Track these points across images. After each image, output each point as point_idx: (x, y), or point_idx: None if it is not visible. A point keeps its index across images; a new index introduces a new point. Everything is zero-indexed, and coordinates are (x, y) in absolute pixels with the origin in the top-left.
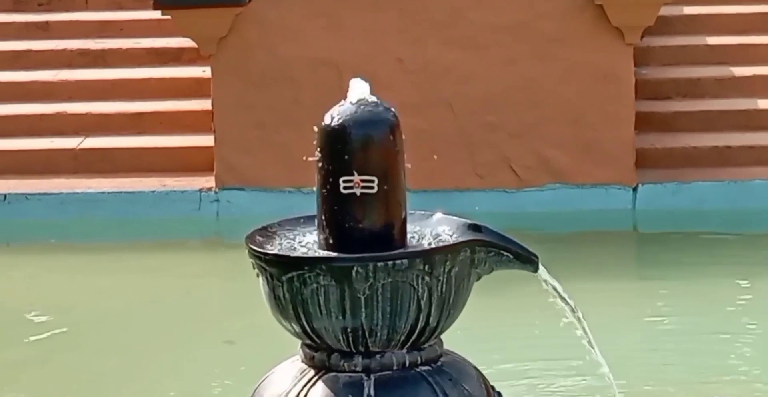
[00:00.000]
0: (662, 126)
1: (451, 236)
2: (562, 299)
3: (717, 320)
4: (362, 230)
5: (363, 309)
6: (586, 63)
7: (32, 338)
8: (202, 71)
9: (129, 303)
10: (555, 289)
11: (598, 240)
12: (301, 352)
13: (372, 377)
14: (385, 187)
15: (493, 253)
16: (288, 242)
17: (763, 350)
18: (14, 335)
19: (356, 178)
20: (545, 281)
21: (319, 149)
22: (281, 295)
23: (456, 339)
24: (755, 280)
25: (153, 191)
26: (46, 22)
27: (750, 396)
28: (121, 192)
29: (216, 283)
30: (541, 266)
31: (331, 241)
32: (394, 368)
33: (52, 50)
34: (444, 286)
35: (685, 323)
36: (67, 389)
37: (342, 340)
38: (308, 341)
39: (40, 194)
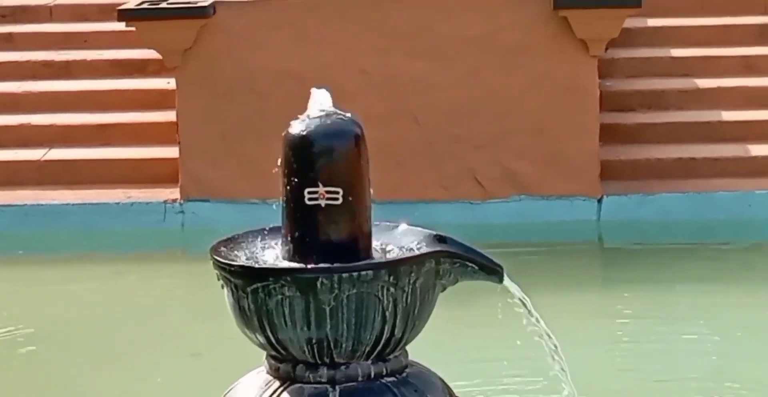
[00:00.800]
0: (627, 138)
1: (416, 247)
2: (527, 310)
3: (680, 331)
4: (327, 241)
5: (328, 320)
6: (551, 75)
7: None
8: (167, 83)
9: (93, 315)
10: (521, 300)
11: (563, 251)
12: (266, 363)
13: (337, 388)
14: (350, 199)
15: (458, 264)
16: (253, 254)
17: (725, 361)
18: None
19: (321, 189)
20: (511, 292)
21: (283, 160)
22: (246, 306)
23: (421, 350)
24: (719, 291)
25: (118, 203)
26: (10, 34)
27: None
28: (85, 203)
29: (181, 294)
30: (506, 277)
31: (296, 252)
32: (360, 379)
33: (16, 62)
34: (409, 297)
35: (649, 334)
36: None
37: (307, 351)
38: (273, 353)
39: (3, 206)
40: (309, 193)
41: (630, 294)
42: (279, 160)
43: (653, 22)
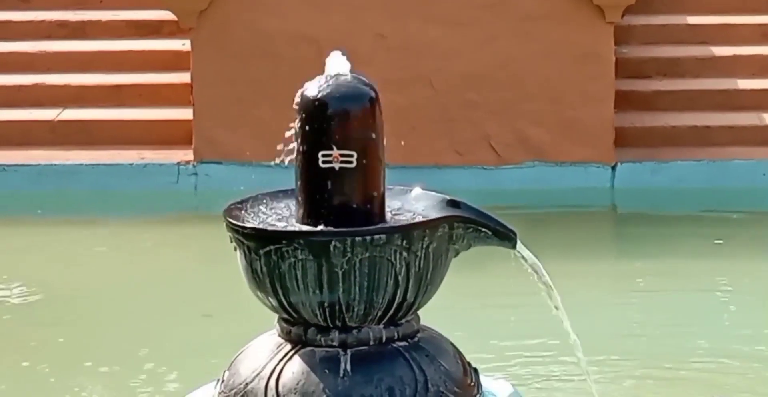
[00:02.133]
0: (642, 105)
1: (429, 211)
2: (539, 275)
3: (694, 299)
4: (340, 204)
5: (340, 284)
6: (567, 41)
7: (6, 310)
8: (182, 44)
9: (105, 276)
10: (532, 266)
11: (577, 218)
12: (277, 326)
13: (348, 352)
14: (364, 162)
15: (471, 229)
16: (266, 216)
17: (740, 329)
18: None
19: (335, 152)
20: (523, 257)
21: (297, 123)
22: (258, 269)
23: (433, 315)
24: (733, 260)
25: (131, 164)
26: None
27: (725, 374)
28: (99, 164)
29: (193, 256)
30: (519, 243)
31: (309, 215)
32: (371, 343)
33: (32, 22)
34: (422, 261)
35: (663, 302)
36: (44, 362)
37: (319, 314)
38: (285, 316)
39: (17, 165)
40: (323, 156)
41: (642, 261)
42: (296, 124)
43: None
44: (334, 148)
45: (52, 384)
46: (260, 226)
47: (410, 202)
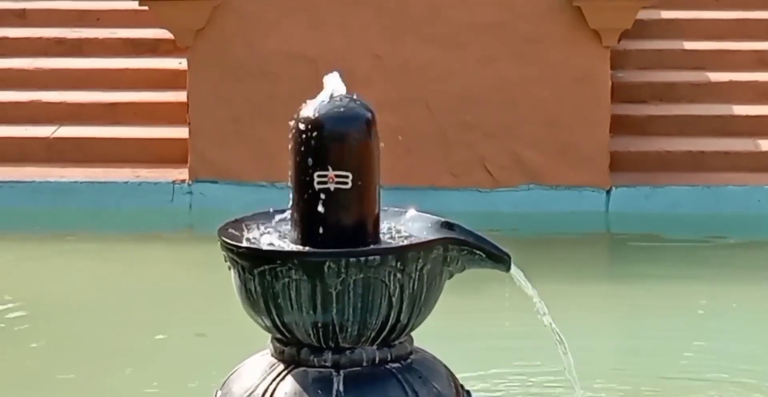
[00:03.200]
0: (637, 129)
1: (424, 233)
2: (532, 297)
3: (687, 324)
4: (335, 225)
5: (334, 304)
6: (563, 64)
7: (0, 326)
8: (179, 63)
9: (99, 293)
10: (526, 288)
11: (571, 242)
12: (271, 346)
13: (341, 372)
14: (360, 183)
15: (465, 251)
16: (261, 236)
17: (732, 354)
18: None
19: (330, 173)
20: (518, 279)
21: (294, 143)
22: (253, 288)
23: (426, 337)
24: (724, 284)
25: (126, 182)
26: (23, 10)
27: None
28: (94, 182)
29: (188, 275)
30: (513, 266)
31: (303, 235)
32: (364, 364)
33: (29, 38)
34: (416, 283)
35: (655, 328)
36: (36, 379)
37: (312, 335)
38: (278, 336)
39: (12, 182)
40: (318, 176)
41: (636, 286)
42: (291, 144)
43: (667, 14)
44: (330, 168)
45: None
46: (255, 245)
47: (405, 223)
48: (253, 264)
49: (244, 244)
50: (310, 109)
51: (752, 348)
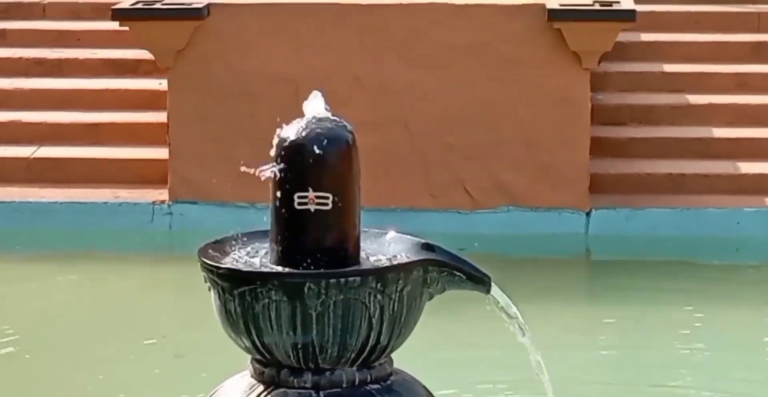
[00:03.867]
0: (617, 151)
1: (404, 255)
2: (513, 319)
3: (665, 349)
4: (315, 246)
5: (314, 325)
6: (543, 86)
7: None
8: (159, 84)
9: (77, 314)
10: (507, 310)
11: (550, 264)
12: (250, 367)
13: (321, 394)
14: (340, 205)
15: (445, 273)
16: (240, 257)
17: (711, 379)
18: None
19: (311, 194)
20: (497, 302)
21: (274, 164)
22: (232, 309)
23: (406, 359)
24: (705, 309)
25: (106, 202)
26: (3, 30)
27: None
28: (73, 202)
29: (167, 296)
30: (493, 286)
31: (283, 256)
32: (344, 385)
33: (9, 58)
34: (396, 304)
35: (634, 350)
36: None
37: (292, 356)
38: (258, 357)
39: None
40: (299, 197)
41: (616, 307)
42: (272, 165)
43: (647, 36)
44: (310, 189)
45: None
46: (234, 266)
47: (385, 245)
48: (233, 285)
49: (224, 265)
50: (291, 131)
51: (732, 367)
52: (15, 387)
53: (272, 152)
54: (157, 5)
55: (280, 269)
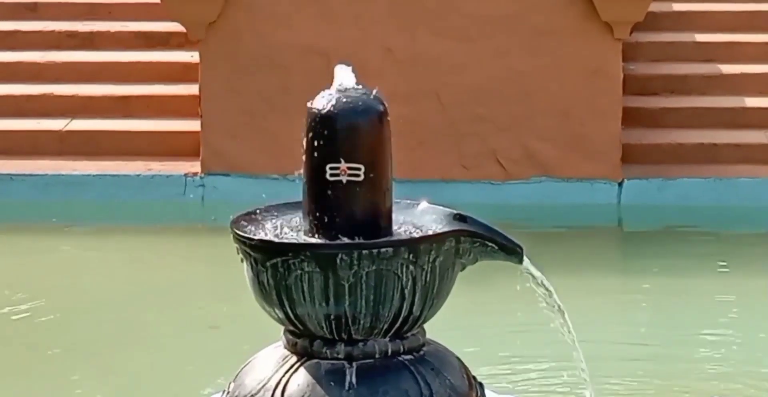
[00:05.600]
0: (649, 122)
1: (436, 225)
2: (546, 291)
3: (699, 317)
4: (348, 217)
5: (347, 297)
6: (575, 57)
7: (13, 319)
8: (191, 56)
9: (112, 287)
10: (539, 281)
11: (583, 234)
12: (283, 338)
13: (354, 364)
14: (372, 176)
15: (478, 243)
16: (273, 228)
17: (745, 347)
18: None
19: (343, 165)
20: (530, 273)
21: (306, 136)
22: (265, 281)
23: (439, 329)
24: (737, 278)
25: (138, 175)
26: (35, 4)
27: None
28: (106, 175)
29: (200, 268)
30: (525, 258)
31: (316, 228)
32: (377, 356)
33: (40, 32)
34: (428, 275)
35: (667, 319)
36: (49, 371)
37: (325, 327)
38: (291, 328)
39: (24, 175)
40: (331, 169)
41: (648, 278)
42: (304, 136)
43: (678, 6)
44: (342, 161)
45: (55, 393)
46: (267, 238)
47: (417, 216)
48: (266, 256)
49: (257, 236)
50: (322, 102)
51: (766, 339)
52: (47, 356)
53: (304, 123)
54: None
55: (312, 240)
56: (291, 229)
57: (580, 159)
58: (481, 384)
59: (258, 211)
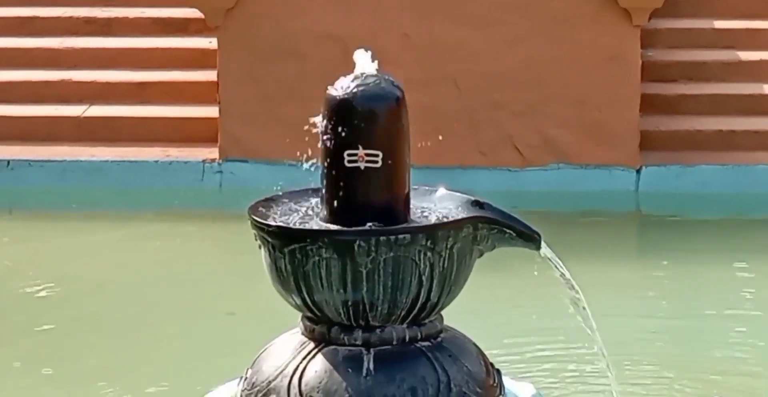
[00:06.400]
0: (667, 109)
1: (454, 212)
2: (564, 277)
3: (716, 304)
4: (365, 203)
5: (364, 283)
6: (593, 44)
7: (31, 304)
8: (209, 42)
9: (129, 273)
10: (557, 267)
11: (601, 221)
12: (301, 324)
13: (371, 351)
14: (389, 162)
15: (495, 230)
16: (291, 215)
17: (762, 334)
18: (13, 301)
19: (360, 151)
20: (548, 258)
21: (323, 122)
22: (283, 267)
23: (456, 316)
24: (755, 265)
25: (156, 161)
26: None
27: (747, 381)
28: (123, 161)
29: (218, 254)
30: (543, 245)
31: (334, 214)
32: (394, 342)
33: (59, 17)
34: (446, 262)
35: (685, 307)
36: (66, 357)
37: (342, 313)
38: (309, 314)
39: (42, 161)
40: (349, 155)
41: (666, 265)
42: (322, 123)
43: None
44: (360, 147)
45: (73, 380)
46: (285, 224)
47: (435, 202)
48: (284, 243)
49: (275, 223)
50: (340, 88)
51: None
52: (65, 341)
53: (322, 110)
54: None
55: (330, 226)
56: (309, 215)
57: (598, 146)
58: (498, 371)
59: (276, 197)
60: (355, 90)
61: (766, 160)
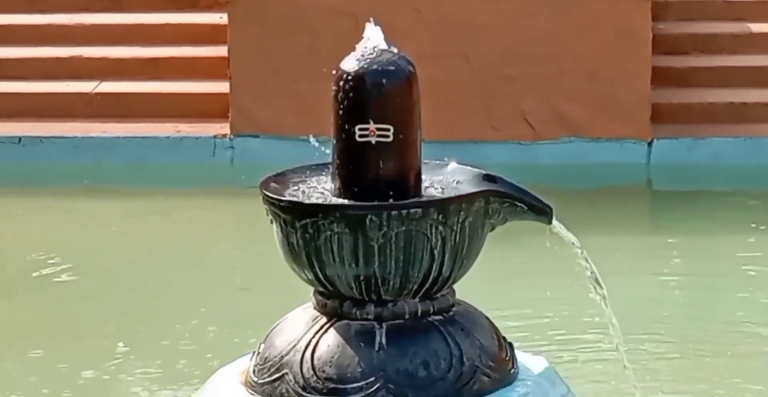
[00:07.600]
0: (679, 81)
1: (465, 186)
2: (577, 250)
3: (728, 276)
4: (377, 178)
5: (376, 257)
6: (604, 17)
7: (43, 281)
8: (219, 17)
9: (141, 248)
10: (569, 241)
11: (612, 194)
12: (313, 299)
13: (384, 325)
14: (401, 137)
15: (507, 204)
16: (302, 189)
17: None
18: (25, 277)
19: (372, 126)
20: (559, 232)
21: (334, 97)
22: (295, 242)
23: (468, 290)
24: (766, 236)
25: (167, 137)
26: None
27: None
28: (135, 137)
29: (230, 229)
30: (555, 218)
31: (345, 189)
32: (406, 316)
33: None
34: (458, 236)
35: (696, 279)
36: (78, 333)
37: (354, 288)
38: (321, 289)
39: (54, 138)
40: (360, 129)
41: (677, 238)
42: (333, 97)
43: None
44: (371, 122)
45: (87, 355)
46: (297, 199)
47: (446, 176)
48: (295, 218)
49: (286, 198)
50: (351, 63)
51: None
52: (76, 317)
53: (332, 85)
54: None
55: (341, 201)
56: (320, 190)
57: (609, 119)
58: (510, 344)
59: (287, 172)
60: (366, 64)
61: None
